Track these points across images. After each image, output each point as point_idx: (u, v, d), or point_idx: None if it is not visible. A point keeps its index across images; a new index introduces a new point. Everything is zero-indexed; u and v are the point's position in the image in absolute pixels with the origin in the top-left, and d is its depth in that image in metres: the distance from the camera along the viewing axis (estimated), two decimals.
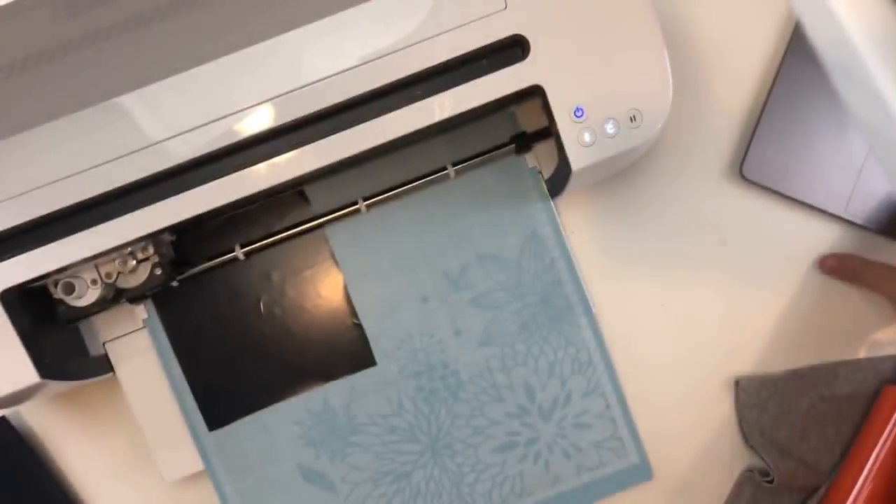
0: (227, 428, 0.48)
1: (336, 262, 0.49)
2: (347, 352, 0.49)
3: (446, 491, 0.49)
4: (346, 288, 0.49)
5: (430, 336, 0.49)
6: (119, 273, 0.44)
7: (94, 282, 0.44)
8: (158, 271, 0.44)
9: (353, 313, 0.49)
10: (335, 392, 0.49)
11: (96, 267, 0.44)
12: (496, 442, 0.49)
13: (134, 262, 0.43)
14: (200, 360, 0.48)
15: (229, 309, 0.49)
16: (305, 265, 0.49)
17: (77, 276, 0.43)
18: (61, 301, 0.44)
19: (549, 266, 0.49)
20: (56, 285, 0.43)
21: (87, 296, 0.44)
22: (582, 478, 0.49)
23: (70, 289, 0.43)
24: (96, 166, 0.40)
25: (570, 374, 0.49)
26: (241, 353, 0.49)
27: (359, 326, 0.49)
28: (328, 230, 0.49)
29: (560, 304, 0.49)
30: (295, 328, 0.49)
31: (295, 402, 0.49)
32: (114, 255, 0.43)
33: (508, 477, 0.49)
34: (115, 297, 0.45)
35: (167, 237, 0.45)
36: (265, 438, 0.49)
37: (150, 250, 0.43)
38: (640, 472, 0.50)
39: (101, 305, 0.44)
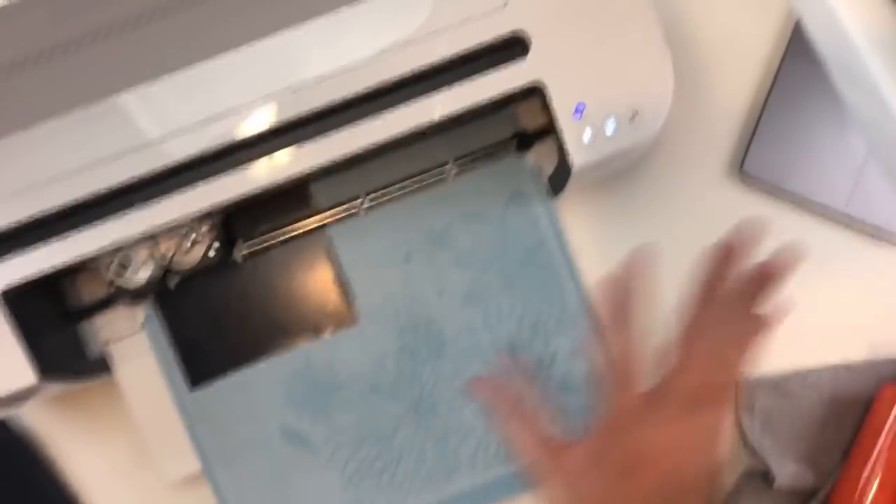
0: (208, 387, 0.48)
1: (322, 227, 0.49)
2: (329, 310, 0.48)
3: (430, 453, 0.48)
4: (329, 248, 0.48)
5: (414, 295, 0.48)
6: (174, 253, 0.44)
7: (151, 257, 0.44)
8: (212, 253, 0.44)
9: (337, 272, 0.49)
10: (317, 351, 0.48)
11: (155, 244, 0.44)
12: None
13: (189, 243, 0.44)
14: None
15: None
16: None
17: (132, 253, 0.44)
18: (111, 282, 0.44)
19: (532, 225, 0.49)
20: (110, 265, 0.43)
21: (140, 273, 0.44)
22: None
23: (126, 262, 0.43)
24: (96, 166, 0.41)
25: (555, 334, 0.49)
26: (224, 313, 0.48)
27: (342, 285, 0.49)
28: (313, 186, 0.49)
29: (544, 262, 0.49)
30: (278, 287, 0.48)
31: (276, 361, 0.48)
32: (172, 233, 0.43)
33: (493, 440, 0.48)
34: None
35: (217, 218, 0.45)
36: (246, 398, 0.48)
37: (204, 230, 0.44)
38: None
39: (151, 286, 0.44)
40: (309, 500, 0.48)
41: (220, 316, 0.48)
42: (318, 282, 0.49)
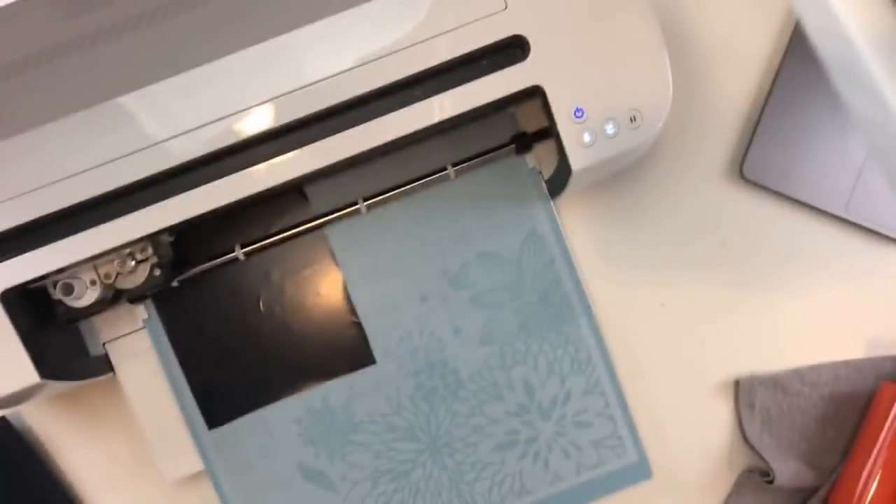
0: (226, 426, 0.48)
1: (335, 261, 0.49)
2: (347, 350, 0.49)
3: (445, 489, 0.49)
4: (345, 286, 0.49)
5: (430, 334, 0.49)
6: (118, 274, 0.44)
7: (92, 282, 0.44)
8: (157, 272, 0.44)
9: (353, 311, 0.49)
10: (334, 390, 0.49)
11: (95, 268, 0.44)
12: (495, 440, 0.49)
13: (133, 262, 0.43)
14: (200, 359, 0.48)
15: (229, 309, 0.49)
16: (305, 264, 0.49)
17: (76, 277, 0.43)
18: (60, 301, 0.44)
19: (548, 264, 0.49)
20: (55, 286, 0.43)
21: (87, 296, 0.44)
22: (581, 476, 0.49)
23: (69, 289, 0.43)
24: (95, 167, 0.40)
25: (570, 373, 0.49)
26: (240, 351, 0.49)
27: (358, 325, 0.49)
28: (327, 229, 0.49)
29: (559, 302, 0.49)
30: (294, 326, 0.49)
31: (294, 400, 0.49)
32: (113, 255, 0.43)
33: (508, 475, 0.49)
34: (114, 297, 0.45)
35: (166, 238, 0.45)
36: (265, 437, 0.49)
37: (150, 251, 0.43)
38: (640, 471, 0.50)
39: (101, 306, 0.44)
40: None
41: (237, 356, 0.49)
42: (335, 321, 0.49)
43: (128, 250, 0.43)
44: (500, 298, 0.49)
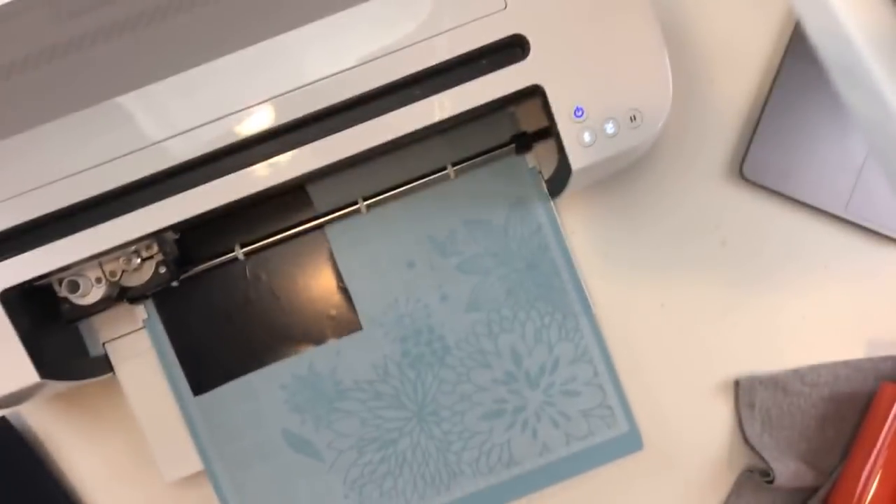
0: (212, 392, 0.48)
1: (323, 230, 0.49)
2: (333, 316, 0.49)
3: (433, 459, 0.49)
4: (331, 252, 0.49)
5: (417, 301, 0.49)
6: (123, 271, 0.44)
7: (98, 280, 0.44)
8: (163, 269, 0.44)
9: (339, 277, 0.49)
10: (321, 356, 0.48)
11: (101, 265, 0.44)
12: (483, 409, 0.49)
13: (138, 260, 0.44)
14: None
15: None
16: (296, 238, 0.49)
17: (81, 275, 0.44)
18: (65, 299, 0.44)
19: (535, 231, 0.49)
20: (61, 283, 0.43)
21: (92, 294, 0.44)
22: (571, 447, 0.49)
23: (74, 287, 0.43)
24: (100, 165, 0.41)
25: (557, 341, 0.49)
26: (227, 317, 0.48)
27: (345, 290, 0.49)
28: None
29: (547, 269, 0.49)
30: (281, 292, 0.49)
31: (280, 366, 0.48)
32: (118, 253, 0.43)
33: (496, 445, 0.49)
34: (119, 295, 0.45)
35: (171, 235, 0.45)
36: (250, 403, 0.48)
37: (155, 248, 0.44)
38: (631, 442, 0.49)
39: (106, 303, 0.44)
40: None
41: (222, 321, 0.48)
42: (321, 287, 0.49)
43: (133, 248, 0.43)
44: (486, 265, 0.49)
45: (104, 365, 0.48)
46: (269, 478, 0.48)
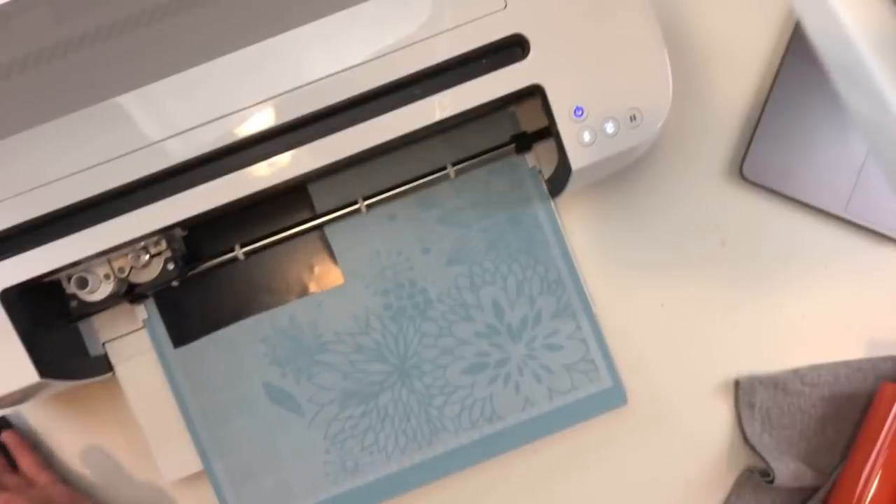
0: (192, 344, 0.48)
1: (305, 185, 0.48)
2: (314, 268, 0.48)
3: (414, 414, 0.48)
4: (313, 204, 0.48)
5: (398, 254, 0.48)
6: (132, 268, 0.44)
7: (107, 276, 0.44)
8: (171, 266, 0.44)
9: (321, 231, 0.48)
10: (302, 309, 0.48)
11: (109, 262, 0.44)
12: (465, 363, 0.48)
13: (147, 256, 0.44)
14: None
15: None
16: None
17: (90, 272, 0.44)
18: (74, 296, 0.44)
19: (517, 184, 0.49)
20: (69, 280, 0.43)
21: (101, 290, 0.44)
22: (554, 402, 0.48)
23: (83, 283, 0.43)
24: (104, 163, 0.41)
25: (539, 294, 0.48)
26: (209, 272, 0.48)
27: (326, 243, 0.48)
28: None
29: (528, 222, 0.49)
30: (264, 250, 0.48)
31: (261, 318, 0.48)
32: (127, 249, 0.43)
33: (478, 400, 0.48)
34: (126, 292, 0.45)
35: (179, 232, 0.45)
36: (231, 356, 0.48)
37: (163, 245, 0.44)
38: (614, 397, 0.49)
39: (114, 300, 0.44)
40: (292, 459, 0.48)
41: (205, 276, 0.48)
42: (303, 239, 0.48)
43: (142, 244, 0.43)
44: (468, 218, 0.49)
45: (104, 365, 0.48)
46: (249, 430, 0.48)
